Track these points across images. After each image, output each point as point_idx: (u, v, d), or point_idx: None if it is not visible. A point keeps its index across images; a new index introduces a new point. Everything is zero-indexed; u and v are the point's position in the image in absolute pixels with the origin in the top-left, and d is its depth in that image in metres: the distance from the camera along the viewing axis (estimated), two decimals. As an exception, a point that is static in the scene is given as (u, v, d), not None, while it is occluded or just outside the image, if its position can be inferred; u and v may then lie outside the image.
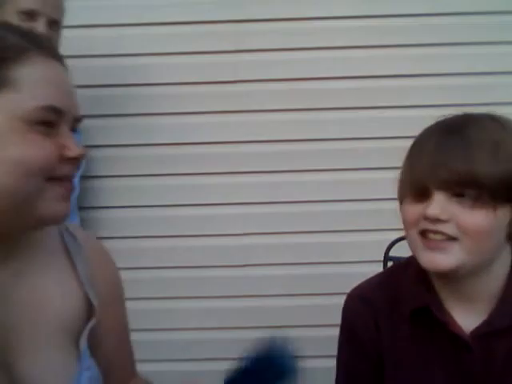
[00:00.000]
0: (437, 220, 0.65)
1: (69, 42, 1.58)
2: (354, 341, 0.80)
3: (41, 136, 0.54)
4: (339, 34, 1.64)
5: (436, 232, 0.66)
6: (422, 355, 0.74)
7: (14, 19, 1.24)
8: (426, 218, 0.67)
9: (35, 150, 0.53)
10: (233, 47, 1.63)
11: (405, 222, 0.72)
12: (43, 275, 0.61)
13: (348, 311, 0.83)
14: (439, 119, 0.72)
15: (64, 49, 0.92)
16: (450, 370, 0.72)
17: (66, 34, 1.61)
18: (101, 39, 1.64)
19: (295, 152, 1.67)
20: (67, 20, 1.62)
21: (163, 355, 1.74)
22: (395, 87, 1.65)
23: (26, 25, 1.23)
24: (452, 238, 0.66)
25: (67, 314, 0.62)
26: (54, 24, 1.31)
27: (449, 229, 0.66)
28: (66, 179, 0.57)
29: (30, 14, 1.25)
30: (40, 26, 1.26)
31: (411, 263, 0.78)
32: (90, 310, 0.65)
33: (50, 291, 0.61)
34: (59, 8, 1.34)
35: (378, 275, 0.86)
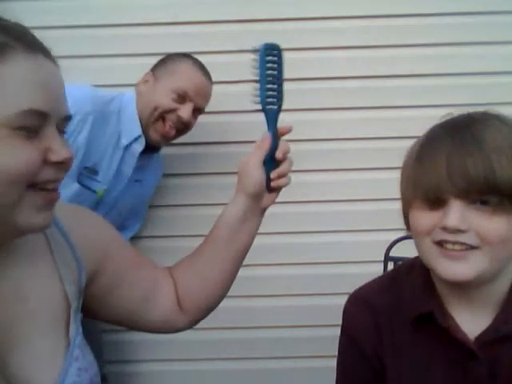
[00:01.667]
0: (456, 230, 0.62)
1: (71, 42, 1.59)
2: (354, 346, 0.78)
3: (23, 141, 0.50)
4: (342, 33, 1.64)
5: (455, 242, 0.63)
6: (425, 361, 0.72)
7: (165, 94, 1.28)
8: (444, 228, 0.63)
9: (17, 157, 0.50)
10: (236, 47, 1.63)
11: (417, 230, 0.68)
12: (26, 268, 0.60)
13: (348, 315, 0.81)
14: (444, 119, 0.70)
15: (67, 49, 0.92)
16: (454, 376, 0.70)
17: (69, 34, 1.62)
18: (106, 39, 1.63)
19: (295, 152, 1.66)
20: (71, 20, 1.63)
21: (164, 355, 1.75)
22: (396, 87, 1.65)
23: (173, 104, 1.28)
24: (472, 247, 0.63)
25: (54, 304, 0.62)
26: (198, 111, 1.36)
27: (469, 238, 0.62)
28: (49, 185, 0.54)
29: (182, 96, 1.29)
30: (186, 110, 1.30)
31: (415, 266, 0.76)
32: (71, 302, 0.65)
33: (34, 283, 0.61)
34: (207, 98, 1.38)
35: (381, 278, 0.84)
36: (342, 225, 1.69)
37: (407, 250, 0.90)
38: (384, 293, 0.78)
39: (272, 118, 0.77)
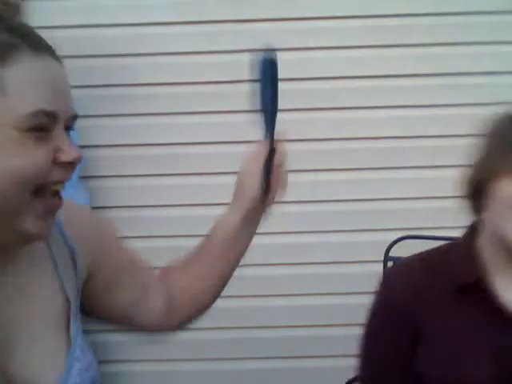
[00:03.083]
0: None
1: (67, 42, 1.59)
2: (393, 318, 0.80)
3: (33, 143, 0.49)
4: (342, 33, 1.64)
5: None
6: (465, 330, 0.75)
7: None
8: None
9: (27, 160, 0.49)
10: (235, 47, 1.63)
11: (504, 199, 0.70)
12: (28, 267, 0.60)
13: (387, 287, 0.83)
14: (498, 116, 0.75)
15: (62, 49, 0.92)
16: (494, 345, 0.73)
17: (63, 34, 1.62)
18: (101, 39, 1.64)
19: (296, 152, 1.66)
20: (63, 20, 1.63)
21: (162, 355, 1.74)
22: (396, 87, 1.65)
23: None
24: None
25: (55, 303, 0.62)
26: None
27: None
28: (57, 186, 0.54)
29: None
30: None
31: (454, 247, 0.80)
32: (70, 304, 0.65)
33: (37, 283, 0.61)
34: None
35: (419, 254, 0.86)
36: (342, 225, 1.69)
37: (407, 250, 0.90)
38: (425, 263, 0.81)
39: (270, 122, 0.79)
